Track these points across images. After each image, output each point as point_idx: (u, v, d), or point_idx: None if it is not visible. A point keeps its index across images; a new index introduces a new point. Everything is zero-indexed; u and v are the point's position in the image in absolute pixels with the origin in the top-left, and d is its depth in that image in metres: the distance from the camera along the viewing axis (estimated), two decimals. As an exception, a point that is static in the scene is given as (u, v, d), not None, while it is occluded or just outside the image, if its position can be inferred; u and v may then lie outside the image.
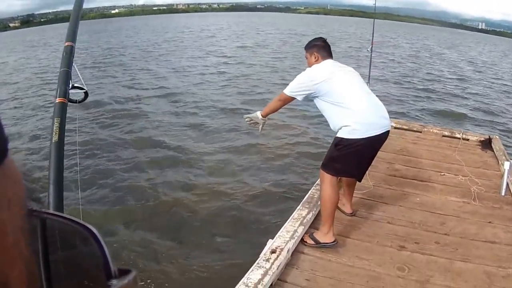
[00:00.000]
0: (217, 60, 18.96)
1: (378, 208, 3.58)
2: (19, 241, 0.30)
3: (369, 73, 5.06)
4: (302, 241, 3.15)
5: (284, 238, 3.04)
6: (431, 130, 5.56)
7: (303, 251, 3.06)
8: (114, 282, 0.36)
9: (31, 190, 0.34)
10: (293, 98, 3.13)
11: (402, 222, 3.38)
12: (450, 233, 3.29)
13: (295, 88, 3.10)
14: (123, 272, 0.38)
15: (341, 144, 2.96)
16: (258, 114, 3.30)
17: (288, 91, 3.12)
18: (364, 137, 2.88)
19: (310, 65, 3.19)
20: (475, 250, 3.07)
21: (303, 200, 3.57)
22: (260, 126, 3.33)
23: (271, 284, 2.75)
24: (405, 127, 5.32)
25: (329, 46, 3.24)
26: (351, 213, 3.51)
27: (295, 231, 3.11)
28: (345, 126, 2.91)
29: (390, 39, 32.59)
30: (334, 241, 3.07)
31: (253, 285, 2.67)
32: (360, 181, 3.32)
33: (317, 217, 3.39)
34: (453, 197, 3.86)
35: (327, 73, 3.01)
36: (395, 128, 5.30)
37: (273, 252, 2.96)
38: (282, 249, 2.94)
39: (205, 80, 14.17)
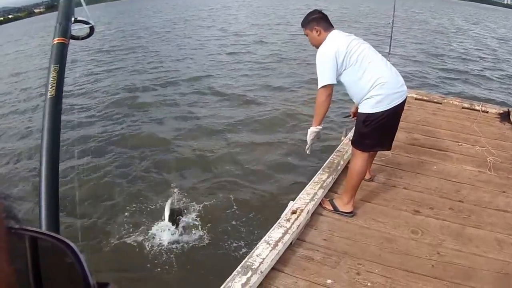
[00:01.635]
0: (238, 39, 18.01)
1: (396, 175, 3.72)
2: None
3: (390, 46, 5.01)
4: (320, 204, 3.28)
5: (304, 200, 3.21)
6: (451, 102, 5.59)
7: (321, 213, 3.24)
8: None
9: (9, 208, 0.35)
10: (332, 87, 2.94)
11: (418, 188, 3.51)
12: (464, 200, 3.42)
13: (327, 74, 2.90)
14: (102, 286, 0.39)
15: (368, 119, 2.95)
16: (313, 129, 3.09)
17: (323, 83, 2.91)
18: (388, 108, 2.89)
19: (314, 42, 3.03)
20: (487, 217, 3.20)
21: (324, 165, 3.72)
22: (310, 147, 3.21)
23: (291, 243, 2.94)
24: (425, 98, 5.36)
25: (327, 16, 3.06)
26: (369, 179, 3.62)
27: (315, 193, 3.28)
28: (369, 99, 2.89)
29: (414, 13, 31.28)
30: (351, 212, 3.18)
31: (273, 243, 2.87)
32: (390, 149, 3.34)
33: (337, 181, 3.55)
34: (469, 166, 3.96)
35: (347, 44, 2.89)
36: (416, 99, 5.35)
37: (293, 213, 3.14)
38: (302, 210, 3.11)
39: (226, 61, 13.72)
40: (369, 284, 2.61)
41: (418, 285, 2.56)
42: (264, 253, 2.78)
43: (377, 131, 2.99)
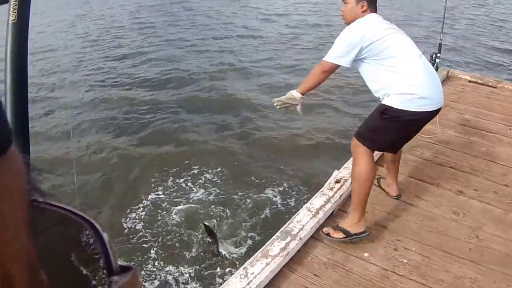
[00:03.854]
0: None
1: (443, 153, 3.70)
2: (20, 233, 0.29)
3: (442, 26, 4.67)
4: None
5: (349, 170, 3.26)
6: (506, 86, 5.34)
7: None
8: (115, 278, 0.36)
9: (34, 181, 0.33)
10: (337, 66, 2.58)
11: (464, 169, 3.50)
12: (510, 185, 3.38)
13: (342, 51, 2.53)
14: (124, 269, 0.37)
15: (388, 113, 2.52)
16: (294, 93, 2.72)
17: (332, 57, 2.56)
18: (419, 110, 2.46)
19: (349, 15, 2.64)
20: (532, 205, 3.17)
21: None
22: (299, 106, 2.78)
23: (332, 212, 3.05)
24: (479, 81, 5.16)
25: None
26: (396, 196, 3.18)
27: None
28: (397, 94, 2.48)
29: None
30: (365, 232, 2.77)
31: (315, 211, 2.99)
32: (395, 153, 3.00)
33: (381, 157, 3.55)
34: (520, 151, 3.88)
35: (381, 30, 2.52)
36: (470, 81, 5.18)
37: (337, 182, 3.23)
38: (346, 180, 3.19)
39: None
40: (405, 261, 2.71)
41: (453, 266, 2.64)
42: (304, 220, 2.91)
43: (395, 129, 2.59)
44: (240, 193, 4.59)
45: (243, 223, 4.15)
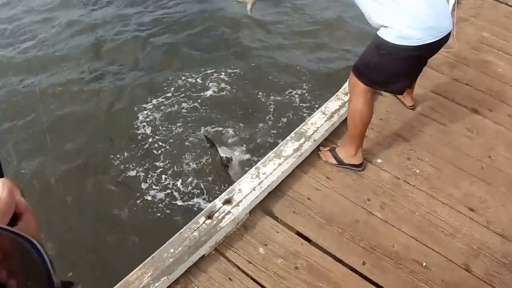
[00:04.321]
0: None
1: (460, 69, 3.55)
2: None
3: None
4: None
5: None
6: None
7: (381, 93, 3.14)
8: None
9: None
10: None
11: (480, 87, 3.39)
12: (524, 107, 3.32)
13: None
14: (66, 285, 0.37)
15: (384, 48, 2.14)
16: None
17: None
18: (419, 44, 2.06)
19: None
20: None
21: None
22: (249, 5, 2.41)
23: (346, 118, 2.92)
24: None
25: None
26: (411, 106, 3.07)
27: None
28: (392, 28, 2.08)
29: None
30: (361, 165, 2.62)
31: (329, 114, 2.86)
32: (401, 94, 2.85)
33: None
34: (535, 74, 3.77)
35: None
36: None
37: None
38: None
39: None
40: (417, 171, 2.67)
41: (464, 183, 2.63)
42: (319, 122, 2.79)
43: (392, 67, 2.24)
44: (255, 95, 4.40)
45: (255, 128, 4.00)
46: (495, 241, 2.34)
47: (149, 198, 3.35)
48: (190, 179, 3.49)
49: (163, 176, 3.53)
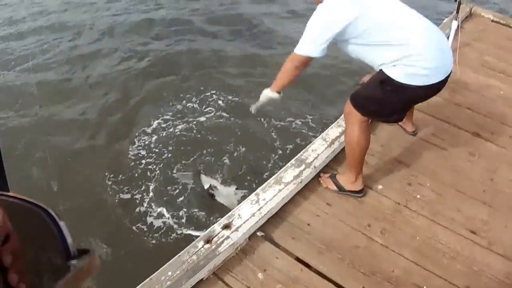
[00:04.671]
0: None
1: (461, 94, 3.59)
2: None
3: None
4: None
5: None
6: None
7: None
8: (73, 262, 0.36)
9: None
10: (310, 59, 2.21)
11: (481, 111, 3.42)
12: (526, 131, 3.33)
13: (315, 40, 2.14)
14: (82, 252, 0.38)
15: (390, 84, 2.15)
16: (270, 93, 2.43)
17: (303, 50, 2.18)
18: (426, 84, 2.11)
19: None
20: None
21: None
22: (255, 106, 2.57)
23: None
24: (502, 21, 4.93)
25: None
26: (413, 132, 3.07)
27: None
28: (399, 66, 2.10)
29: None
30: (362, 191, 2.63)
31: (330, 140, 2.92)
32: (396, 123, 2.86)
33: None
34: (537, 97, 3.79)
35: (358, 4, 2.11)
36: (492, 21, 4.95)
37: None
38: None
39: None
40: (418, 196, 2.69)
41: (465, 206, 2.64)
42: (319, 149, 2.85)
43: (394, 102, 2.28)
44: (252, 122, 4.41)
45: (249, 156, 3.99)
46: (497, 262, 2.33)
47: (143, 224, 3.35)
48: (182, 207, 3.48)
49: (155, 202, 3.53)
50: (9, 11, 7.06)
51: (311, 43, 2.16)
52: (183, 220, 3.35)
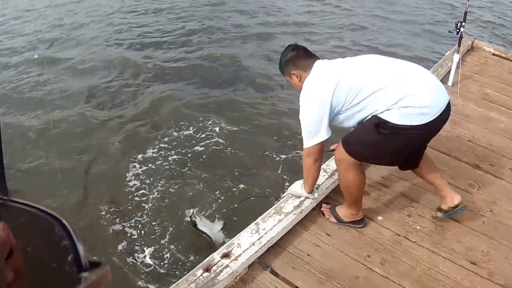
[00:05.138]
0: None
1: (462, 126, 3.66)
2: None
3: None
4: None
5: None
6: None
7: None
8: (85, 275, 0.36)
9: None
10: (322, 144, 2.28)
11: (482, 143, 3.47)
12: (526, 163, 3.36)
13: (314, 125, 2.21)
14: (94, 265, 0.37)
15: (385, 127, 2.13)
16: (305, 194, 2.66)
17: (311, 141, 2.26)
18: (423, 123, 2.10)
19: (298, 87, 2.35)
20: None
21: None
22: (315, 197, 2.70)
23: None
24: (503, 55, 5.05)
25: (303, 48, 2.37)
26: (456, 206, 2.60)
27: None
28: (394, 108, 2.11)
29: None
30: (362, 220, 2.65)
31: (331, 172, 2.98)
32: (402, 169, 2.68)
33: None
34: (537, 130, 3.83)
35: (335, 70, 2.19)
36: (493, 54, 5.06)
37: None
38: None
39: None
40: (418, 227, 2.71)
41: (466, 237, 2.65)
42: (320, 180, 2.88)
43: (391, 146, 2.23)
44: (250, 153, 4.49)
45: (245, 188, 4.01)
46: (498, 292, 2.32)
47: (132, 258, 3.35)
48: (171, 244, 3.47)
49: (146, 239, 3.53)
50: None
51: (315, 130, 2.21)
52: (168, 259, 3.35)
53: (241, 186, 4.03)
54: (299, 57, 2.33)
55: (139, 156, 4.42)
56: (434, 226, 2.71)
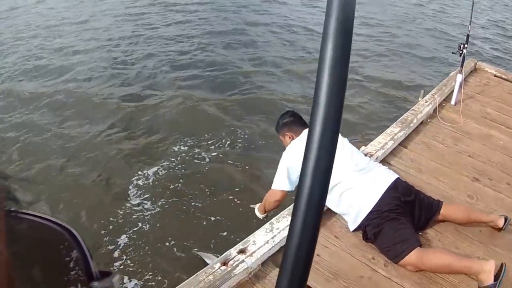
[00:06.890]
0: None
1: (463, 142, 3.87)
2: None
3: (471, 17, 4.43)
4: None
5: (375, 147, 3.46)
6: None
7: (390, 161, 3.47)
8: (95, 284, 0.36)
9: (9, 189, 0.33)
10: (286, 193, 2.80)
11: (481, 159, 3.68)
12: (523, 178, 3.55)
13: (284, 178, 2.73)
14: (104, 274, 0.38)
15: (367, 229, 2.71)
16: (258, 213, 3.14)
17: (276, 186, 2.79)
18: (373, 205, 2.67)
19: (286, 145, 2.96)
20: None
21: (398, 120, 3.92)
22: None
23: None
24: (504, 76, 5.28)
25: (299, 116, 2.99)
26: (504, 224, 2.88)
27: (386, 143, 3.53)
28: (346, 214, 2.79)
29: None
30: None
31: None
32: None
33: (408, 137, 3.75)
34: (534, 148, 4.03)
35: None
36: (495, 75, 5.29)
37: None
38: (372, 155, 3.35)
39: None
40: (419, 233, 2.90)
41: (463, 244, 2.84)
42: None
43: (391, 232, 2.63)
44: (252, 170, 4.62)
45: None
46: (493, 297, 2.50)
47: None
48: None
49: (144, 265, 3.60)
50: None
51: (283, 179, 2.73)
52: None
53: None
54: (294, 123, 2.93)
55: (141, 172, 4.55)
56: (435, 233, 2.90)
